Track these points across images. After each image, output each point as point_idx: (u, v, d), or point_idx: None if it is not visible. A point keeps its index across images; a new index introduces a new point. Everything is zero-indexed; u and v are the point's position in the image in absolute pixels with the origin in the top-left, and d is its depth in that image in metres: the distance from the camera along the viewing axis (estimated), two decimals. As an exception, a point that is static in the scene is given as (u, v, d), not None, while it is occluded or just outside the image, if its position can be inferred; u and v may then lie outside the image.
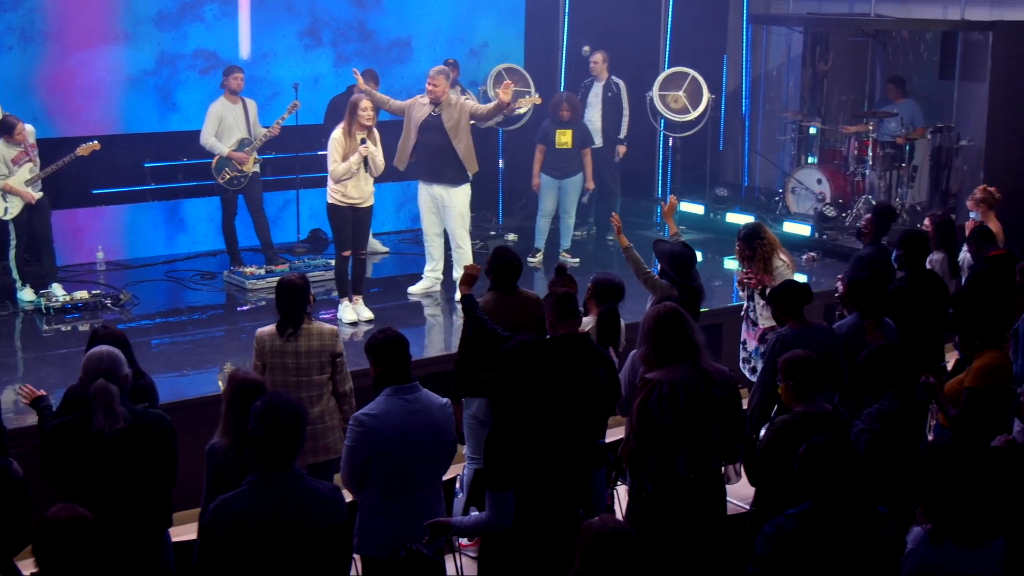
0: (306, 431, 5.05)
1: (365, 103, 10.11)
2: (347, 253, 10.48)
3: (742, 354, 9.03)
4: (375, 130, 10.30)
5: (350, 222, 10.36)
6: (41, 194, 10.82)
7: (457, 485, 7.61)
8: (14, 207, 10.68)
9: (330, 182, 10.25)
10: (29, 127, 10.77)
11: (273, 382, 7.11)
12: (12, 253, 10.92)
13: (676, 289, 7.89)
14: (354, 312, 10.59)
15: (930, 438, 6.93)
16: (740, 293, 9.14)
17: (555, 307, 6.72)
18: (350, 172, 10.11)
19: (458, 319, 9.68)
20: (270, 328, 7.24)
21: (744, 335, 8.94)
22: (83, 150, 10.95)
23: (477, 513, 5.53)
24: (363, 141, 10.09)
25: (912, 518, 5.06)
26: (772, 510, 5.54)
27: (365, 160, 10.12)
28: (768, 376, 6.97)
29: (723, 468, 6.04)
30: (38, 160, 10.78)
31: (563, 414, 5.22)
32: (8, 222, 10.74)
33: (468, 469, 7.61)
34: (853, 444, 6.21)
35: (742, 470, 6.60)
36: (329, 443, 7.26)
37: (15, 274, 11.00)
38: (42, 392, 6.43)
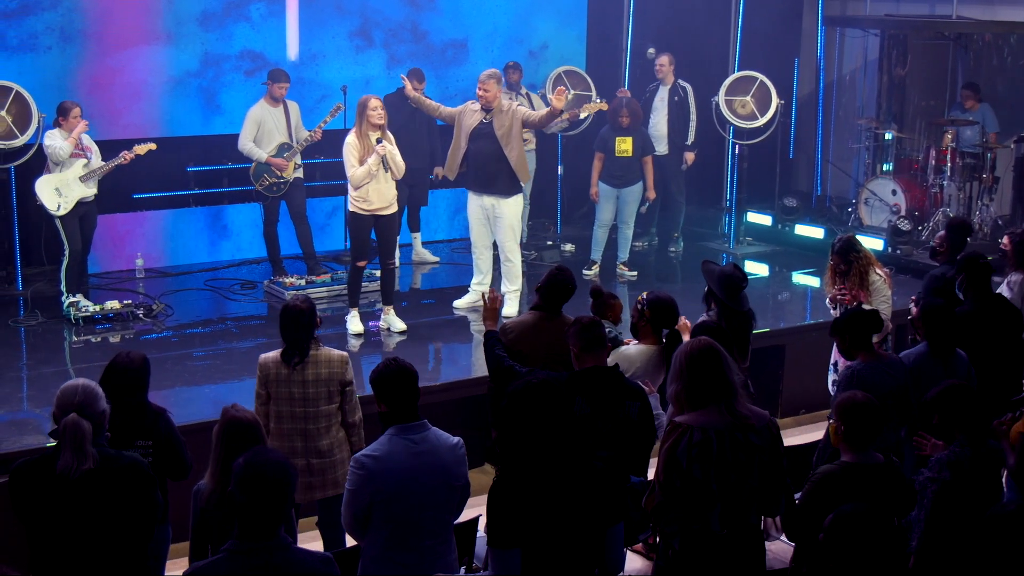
0: (294, 488, 4.49)
1: (374, 102, 9.66)
2: (362, 264, 10.06)
3: (831, 376, 8.48)
4: (388, 131, 9.84)
5: (370, 231, 9.93)
6: (93, 195, 10.48)
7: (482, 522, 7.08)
8: (67, 203, 10.27)
9: (350, 190, 9.81)
10: (84, 123, 10.40)
11: (279, 412, 6.74)
12: (64, 263, 10.46)
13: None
14: (361, 324, 10.19)
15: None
16: (832, 311, 8.67)
17: (581, 336, 6.16)
18: (370, 175, 9.65)
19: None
20: (274, 355, 6.79)
21: (835, 356, 8.33)
22: (140, 149, 10.58)
23: (479, 574, 4.97)
24: (379, 141, 9.62)
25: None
26: (812, 569, 4.94)
27: (384, 162, 9.63)
28: None
29: (762, 522, 5.42)
30: (92, 160, 10.43)
31: (575, 463, 4.64)
32: (57, 223, 10.33)
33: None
34: (919, 495, 5.62)
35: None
36: (339, 476, 6.81)
37: (63, 285, 10.53)
38: None
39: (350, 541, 6.70)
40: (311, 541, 6.97)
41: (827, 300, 8.81)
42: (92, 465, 4.96)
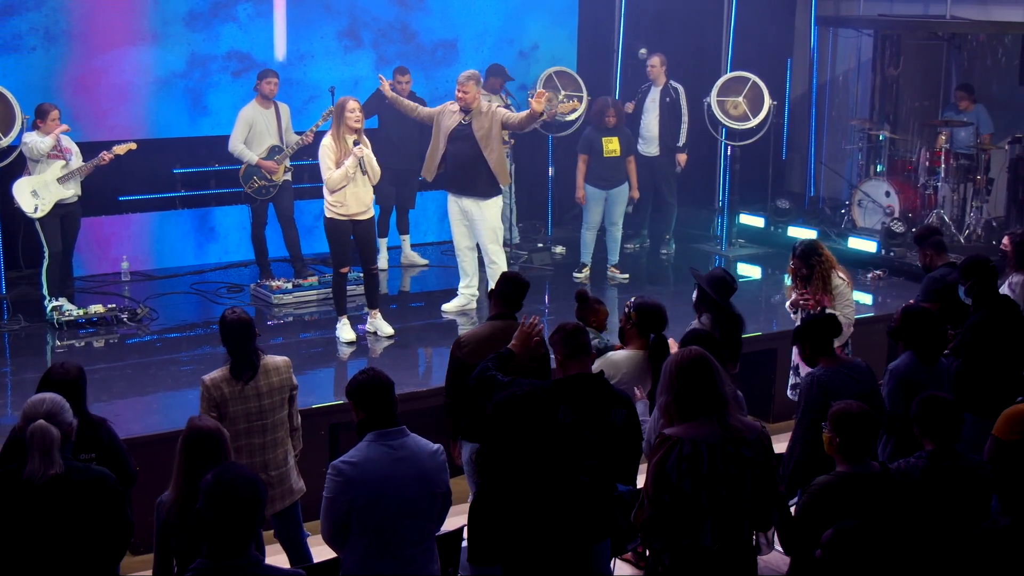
0: (265, 504, 4.37)
1: (352, 104, 9.52)
2: (345, 270, 9.93)
3: (791, 380, 8.48)
4: (364, 136, 9.70)
5: (349, 237, 9.80)
6: (75, 197, 10.34)
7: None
8: (45, 205, 10.14)
9: (327, 194, 9.65)
10: (64, 126, 10.31)
11: (236, 432, 6.41)
12: (44, 264, 10.35)
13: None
14: (352, 331, 10.04)
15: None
16: (792, 315, 8.60)
17: (565, 343, 6.02)
18: (347, 177, 9.51)
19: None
20: (221, 373, 6.51)
21: (796, 359, 8.24)
22: (119, 149, 10.45)
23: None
24: (355, 143, 9.50)
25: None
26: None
27: (361, 164, 9.50)
28: (808, 425, 6.25)
29: (754, 537, 5.29)
30: (72, 162, 10.29)
31: (560, 477, 4.51)
32: (36, 226, 10.20)
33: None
34: None
35: (775, 539, 5.86)
36: (292, 483, 6.74)
37: (44, 288, 10.41)
38: None
39: (316, 556, 6.59)
40: (275, 555, 6.80)
41: (787, 305, 8.72)
42: (59, 471, 4.83)
